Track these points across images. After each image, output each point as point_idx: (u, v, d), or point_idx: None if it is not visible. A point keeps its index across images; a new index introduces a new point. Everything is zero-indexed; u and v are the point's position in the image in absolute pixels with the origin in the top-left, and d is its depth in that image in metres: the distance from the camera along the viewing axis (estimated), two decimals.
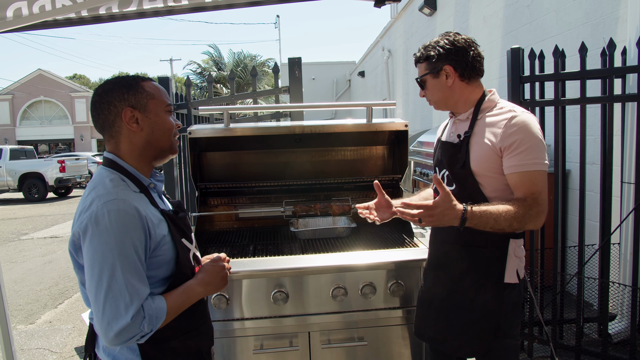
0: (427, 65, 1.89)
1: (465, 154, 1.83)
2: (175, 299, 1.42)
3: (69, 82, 39.50)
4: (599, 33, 4.12)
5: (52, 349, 4.11)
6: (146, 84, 1.48)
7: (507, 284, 1.80)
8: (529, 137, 1.71)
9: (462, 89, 1.87)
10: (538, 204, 1.69)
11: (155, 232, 1.40)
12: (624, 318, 3.46)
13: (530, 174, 1.71)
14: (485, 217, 1.64)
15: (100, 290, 1.28)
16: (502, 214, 1.64)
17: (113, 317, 1.27)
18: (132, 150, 1.47)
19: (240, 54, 23.21)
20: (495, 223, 1.65)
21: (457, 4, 7.79)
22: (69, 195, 17.36)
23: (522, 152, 1.71)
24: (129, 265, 1.31)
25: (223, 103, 6.67)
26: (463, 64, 1.84)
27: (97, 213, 1.31)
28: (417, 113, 10.13)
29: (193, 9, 2.03)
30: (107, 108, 1.43)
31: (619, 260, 3.51)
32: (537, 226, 1.72)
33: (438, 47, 1.85)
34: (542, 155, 1.73)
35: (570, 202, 4.21)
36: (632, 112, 3.26)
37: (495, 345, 1.83)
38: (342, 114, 18.88)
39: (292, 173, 3.07)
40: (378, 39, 14.72)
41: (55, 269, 6.83)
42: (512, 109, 1.79)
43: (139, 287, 1.32)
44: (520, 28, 5.65)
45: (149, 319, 1.32)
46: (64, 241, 8.78)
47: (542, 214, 1.70)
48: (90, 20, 1.98)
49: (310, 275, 2.25)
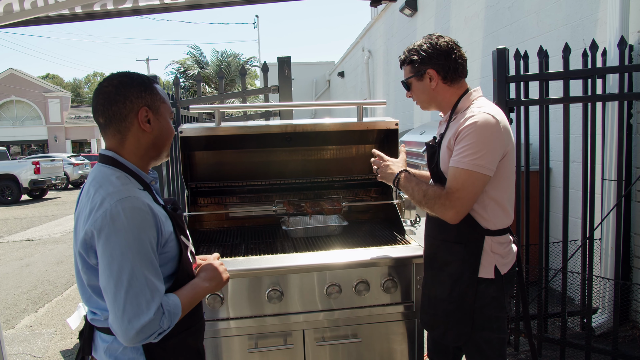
0: (411, 68, 1.95)
1: (437, 154, 1.93)
2: (186, 296, 1.43)
3: (42, 82, 38.58)
4: (579, 35, 4.23)
5: (34, 354, 4.01)
6: (158, 87, 1.48)
7: (482, 278, 1.86)
8: (475, 138, 1.73)
9: (445, 91, 1.93)
10: (448, 198, 1.76)
11: (164, 228, 1.41)
12: (606, 311, 3.57)
13: (456, 170, 1.77)
14: (409, 184, 1.93)
15: (121, 288, 1.27)
16: (421, 188, 1.87)
17: (134, 315, 1.26)
18: (138, 149, 1.46)
19: (224, 53, 23.01)
20: (413, 192, 1.91)
21: (438, 5, 7.89)
22: (44, 198, 16.96)
23: (461, 149, 1.76)
24: (147, 262, 1.31)
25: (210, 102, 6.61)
26: (446, 67, 1.88)
27: (111, 211, 1.29)
28: (399, 113, 10.22)
29: (189, 6, 2.01)
30: (122, 101, 1.40)
31: (600, 256, 3.61)
32: (444, 218, 1.81)
33: (421, 51, 1.89)
34: (478, 157, 1.72)
35: (552, 200, 4.31)
36: (613, 111, 3.36)
37: (475, 337, 1.91)
38: (320, 113, 18.94)
39: (282, 172, 3.07)
40: (358, 40, 14.79)
41: (34, 272, 6.67)
42: (474, 110, 1.81)
43: (157, 283, 1.33)
44: (501, 29, 5.76)
45: (168, 314, 1.33)
46: (41, 244, 8.58)
47: (450, 208, 1.77)
48: (83, 17, 1.93)
49: (305, 273, 2.25)
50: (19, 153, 35.37)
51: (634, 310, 3.67)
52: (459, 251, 1.89)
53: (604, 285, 3.58)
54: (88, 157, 24.84)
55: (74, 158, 21.28)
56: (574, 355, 3.31)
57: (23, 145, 37.19)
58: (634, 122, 3.61)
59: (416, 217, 2.88)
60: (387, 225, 2.92)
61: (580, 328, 3.58)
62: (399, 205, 2.84)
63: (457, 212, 1.77)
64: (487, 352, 1.91)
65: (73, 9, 1.83)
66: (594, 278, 3.29)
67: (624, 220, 3.50)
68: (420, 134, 6.30)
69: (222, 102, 4.67)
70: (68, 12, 1.91)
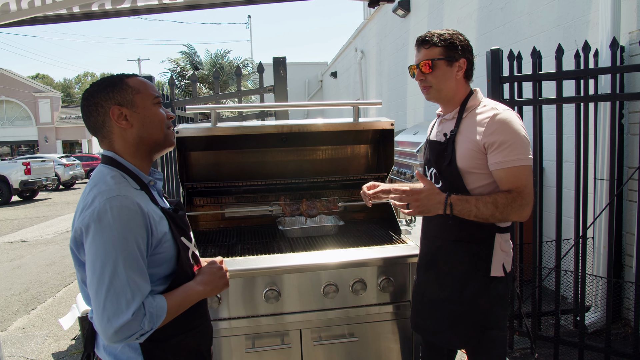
0: (444, 51, 1.88)
1: (452, 152, 1.89)
2: (175, 298, 1.41)
3: (32, 82, 38.26)
4: (571, 36, 4.27)
5: (27, 356, 3.98)
6: (130, 80, 1.46)
7: (493, 277, 1.86)
8: (511, 134, 1.77)
9: (461, 84, 1.94)
10: (522, 196, 1.75)
11: (156, 229, 1.39)
12: (598, 309, 3.61)
13: (514, 170, 1.77)
14: (468, 204, 1.76)
15: (102, 286, 1.27)
16: (486, 203, 1.74)
17: (114, 314, 1.25)
18: (127, 147, 1.46)
19: (217, 54, 22.98)
20: (478, 211, 1.75)
21: (431, 5, 7.93)
22: (35, 199, 16.80)
23: (505, 149, 1.76)
24: (131, 262, 1.30)
25: (205, 102, 6.59)
26: (471, 63, 1.93)
27: (99, 209, 1.29)
28: (392, 113, 10.25)
29: (188, 6, 2.01)
30: (95, 110, 1.43)
31: (593, 254, 3.65)
32: (522, 218, 1.79)
33: (458, 39, 1.90)
34: (525, 151, 1.78)
35: (545, 199, 4.35)
36: (605, 111, 3.40)
37: (483, 337, 1.89)
38: (313, 114, 18.92)
39: (278, 172, 3.08)
40: (351, 40, 14.81)
41: (25, 274, 6.61)
42: (494, 107, 1.85)
43: (140, 283, 1.31)
44: (494, 30, 5.80)
45: (150, 316, 1.31)
46: (32, 245, 8.50)
47: (526, 206, 1.77)
48: (81, 17, 1.92)
49: (302, 273, 2.26)
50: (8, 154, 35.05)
51: (626, 308, 3.71)
52: (471, 251, 1.88)
53: (596, 284, 3.62)
54: (79, 158, 24.67)
55: (65, 159, 21.08)
56: (568, 352, 3.35)
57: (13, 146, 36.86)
58: (625, 122, 3.65)
59: (412, 217, 2.90)
60: (383, 225, 2.94)
61: (573, 326, 3.62)
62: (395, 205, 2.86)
63: (531, 207, 1.79)
64: (493, 351, 1.91)
65: (71, 8, 1.83)
66: (586, 276, 3.33)
67: (616, 219, 3.54)
68: (413, 134, 6.33)
69: (217, 102, 4.67)
70: (66, 12, 1.90)
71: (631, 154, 3.61)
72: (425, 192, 1.78)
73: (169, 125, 1.53)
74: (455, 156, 1.88)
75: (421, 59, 1.92)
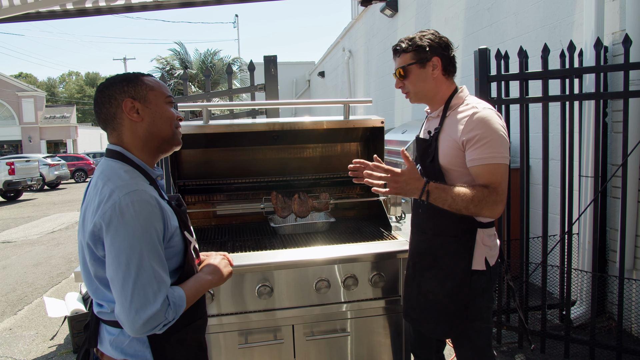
0: (414, 55, 1.94)
1: (435, 149, 1.94)
2: (191, 288, 1.46)
3: (15, 81, 37.61)
4: (556, 36, 4.35)
5: (15, 357, 3.94)
6: (146, 78, 1.51)
7: (475, 270, 1.91)
8: (489, 132, 1.80)
9: (441, 82, 1.97)
10: (497, 193, 1.79)
11: (170, 222, 1.43)
12: (583, 303, 3.68)
13: (490, 167, 1.80)
14: (445, 193, 1.78)
15: (128, 279, 1.29)
16: (461, 194, 1.77)
17: (142, 305, 1.29)
18: (136, 141, 1.48)
19: (207, 53, 22.93)
20: (453, 201, 1.77)
21: (418, 5, 7.99)
22: (19, 199, 16.56)
23: (482, 146, 1.80)
24: (154, 254, 1.33)
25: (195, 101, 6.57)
26: (447, 59, 1.95)
27: (120, 204, 1.31)
28: (380, 112, 10.31)
29: (181, 4, 2.02)
30: (108, 101, 1.45)
31: (578, 250, 3.73)
32: (494, 215, 1.82)
33: (427, 39, 1.93)
34: (502, 149, 1.81)
35: (532, 197, 4.43)
36: (589, 110, 3.47)
37: (466, 328, 1.96)
38: (300, 112, 18.92)
39: (269, 169, 3.10)
40: (338, 40, 14.85)
41: (11, 274, 6.53)
42: (475, 105, 1.88)
43: (164, 275, 1.35)
44: (480, 30, 5.87)
45: (174, 306, 1.35)
46: (18, 246, 8.40)
47: (500, 203, 1.80)
48: (75, 14, 1.91)
49: (294, 269, 2.28)
50: None
51: (610, 302, 3.79)
52: (453, 244, 1.93)
53: (581, 278, 3.69)
54: (64, 158, 24.34)
55: (50, 159, 20.79)
56: (554, 345, 3.42)
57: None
58: (609, 120, 3.73)
59: (402, 214, 2.94)
60: (373, 222, 2.97)
61: (559, 320, 3.69)
62: (385, 202, 2.90)
63: (503, 205, 1.82)
64: (477, 342, 1.97)
65: (64, 5, 1.82)
66: (572, 271, 3.40)
67: (601, 216, 3.62)
68: (402, 132, 6.38)
69: (208, 100, 4.67)
70: (59, 9, 1.89)
71: (615, 152, 3.69)
72: (406, 175, 1.78)
73: (177, 125, 1.56)
74: (437, 154, 1.93)
75: (396, 68, 2.01)
